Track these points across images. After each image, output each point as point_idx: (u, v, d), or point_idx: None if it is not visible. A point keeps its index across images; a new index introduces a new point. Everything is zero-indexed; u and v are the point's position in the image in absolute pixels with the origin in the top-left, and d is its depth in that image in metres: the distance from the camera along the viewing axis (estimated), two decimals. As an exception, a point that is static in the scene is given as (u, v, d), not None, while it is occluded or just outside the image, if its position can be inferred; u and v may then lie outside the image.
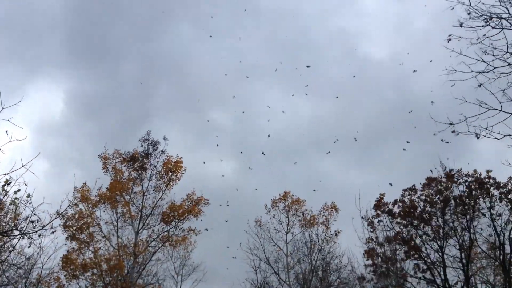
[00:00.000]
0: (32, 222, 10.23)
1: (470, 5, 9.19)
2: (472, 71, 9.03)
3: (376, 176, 51.28)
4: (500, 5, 9.06)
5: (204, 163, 26.60)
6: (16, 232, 10.34)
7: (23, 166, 8.48)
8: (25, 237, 9.98)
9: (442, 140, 14.19)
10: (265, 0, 72.88)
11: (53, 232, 19.87)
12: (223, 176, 27.89)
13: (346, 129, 59.05)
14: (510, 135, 8.72)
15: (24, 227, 10.44)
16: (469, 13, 9.14)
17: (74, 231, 24.44)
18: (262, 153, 27.55)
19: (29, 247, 20.35)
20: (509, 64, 8.93)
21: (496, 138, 8.77)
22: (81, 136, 62.88)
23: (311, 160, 54.95)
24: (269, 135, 33.50)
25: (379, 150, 56.60)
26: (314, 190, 27.93)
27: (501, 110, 8.80)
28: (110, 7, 79.19)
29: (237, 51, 68.69)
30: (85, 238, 24.60)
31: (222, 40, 74.91)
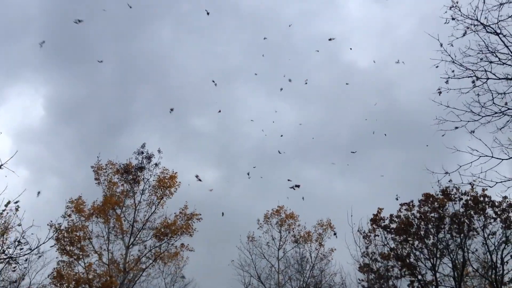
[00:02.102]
0: (19, 243, 10.01)
1: (454, 62, 9.80)
2: (461, 120, 9.58)
3: (361, 184, 51.15)
4: (483, 53, 9.63)
5: (198, 178, 25.75)
6: (3, 256, 10.14)
7: (1, 165, 8.35)
8: (11, 261, 9.77)
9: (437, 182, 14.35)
10: (246, 3, 72.24)
11: (39, 257, 19.50)
12: (211, 190, 27.23)
13: (331, 137, 58.80)
14: (501, 181, 9.10)
15: (13, 251, 10.18)
16: (453, 71, 9.80)
17: (65, 244, 24.13)
18: (248, 174, 27.15)
19: (13, 271, 19.99)
20: (495, 113, 9.41)
21: (489, 186, 9.21)
22: (60, 143, 61.44)
23: (295, 168, 54.54)
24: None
25: (365, 157, 56.46)
26: (303, 198, 27.43)
27: (492, 157, 9.21)
28: (86, 5, 77.20)
29: (218, 54, 67.91)
30: (77, 252, 24.28)
31: (202, 41, 73.72)
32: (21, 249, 10.02)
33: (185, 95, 67.23)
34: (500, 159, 9.19)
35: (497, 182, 9.12)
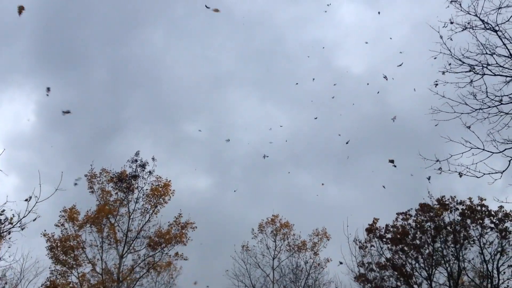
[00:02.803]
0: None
1: (452, 54, 9.84)
2: (455, 112, 9.70)
3: (354, 190, 50.92)
4: (482, 54, 9.70)
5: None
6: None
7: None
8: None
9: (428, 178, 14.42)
10: (239, 8, 72.05)
11: (22, 229, 19.36)
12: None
13: (324, 143, 58.58)
14: (489, 173, 9.22)
15: None
16: (449, 64, 9.83)
17: (59, 253, 23.92)
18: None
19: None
20: (489, 107, 9.57)
21: (476, 177, 9.30)
22: (51, 149, 60.26)
23: (288, 173, 54.22)
24: (271, 142, 32.62)
25: (357, 163, 56.26)
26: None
27: (483, 149, 9.32)
28: (76, 8, 74.53)
29: (211, 59, 67.51)
30: (70, 261, 24.05)
31: (195, 46, 73.22)
32: (1, 223, 10.22)
33: (177, 100, 66.70)
34: (490, 152, 9.30)
35: (484, 174, 9.24)
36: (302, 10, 73.95)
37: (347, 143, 25.22)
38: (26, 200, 11.04)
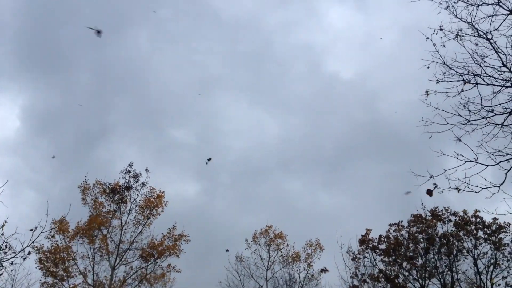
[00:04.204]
0: (5, 250, 10.16)
1: (445, 63, 9.75)
2: (448, 123, 9.53)
3: (345, 196, 50.73)
4: (474, 63, 9.60)
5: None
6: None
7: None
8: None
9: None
10: (226, 12, 71.37)
11: (25, 259, 19.23)
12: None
13: (314, 149, 58.28)
14: (486, 187, 9.09)
15: None
16: (444, 73, 9.70)
17: (49, 265, 23.62)
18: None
19: (0, 275, 19.64)
20: (483, 118, 9.41)
21: (475, 192, 9.13)
22: (37, 155, 59.35)
23: (278, 180, 53.88)
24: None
25: (348, 170, 56.07)
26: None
27: (477, 162, 9.19)
28: (60, 9, 73.96)
29: (197, 63, 66.61)
30: (61, 273, 23.76)
31: (181, 50, 72.09)
32: (5, 253, 10.22)
33: (164, 105, 65.80)
34: (485, 165, 9.21)
35: (482, 188, 9.11)
36: (290, 14, 73.83)
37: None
38: (31, 230, 11.02)
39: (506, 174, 9.08)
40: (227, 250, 28.07)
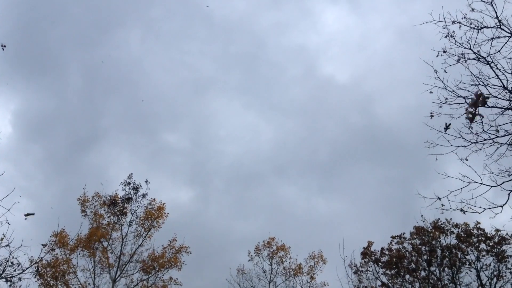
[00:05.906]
0: (12, 265, 10.11)
1: (446, 88, 9.86)
2: (451, 145, 9.53)
3: (341, 201, 50.19)
4: (476, 85, 9.66)
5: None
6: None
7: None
8: (4, 280, 9.81)
9: None
10: (218, 13, 70.41)
11: (35, 276, 19.28)
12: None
13: (309, 153, 57.63)
14: (489, 208, 9.13)
15: (1, 270, 10.24)
16: (446, 99, 9.82)
17: (48, 279, 23.43)
18: None
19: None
20: (485, 140, 9.46)
21: (478, 212, 9.19)
22: (29, 161, 57.53)
23: (273, 185, 53.20)
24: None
25: (344, 174, 55.40)
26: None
27: (481, 183, 9.21)
28: (49, 9, 71.73)
29: (189, 64, 65.35)
30: (61, 286, 23.56)
31: (173, 51, 70.93)
32: (14, 270, 10.17)
33: (156, 108, 64.61)
34: (489, 185, 9.24)
35: (485, 209, 9.16)
36: (283, 15, 73.17)
37: None
38: (42, 245, 11.00)
39: (509, 194, 9.11)
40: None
